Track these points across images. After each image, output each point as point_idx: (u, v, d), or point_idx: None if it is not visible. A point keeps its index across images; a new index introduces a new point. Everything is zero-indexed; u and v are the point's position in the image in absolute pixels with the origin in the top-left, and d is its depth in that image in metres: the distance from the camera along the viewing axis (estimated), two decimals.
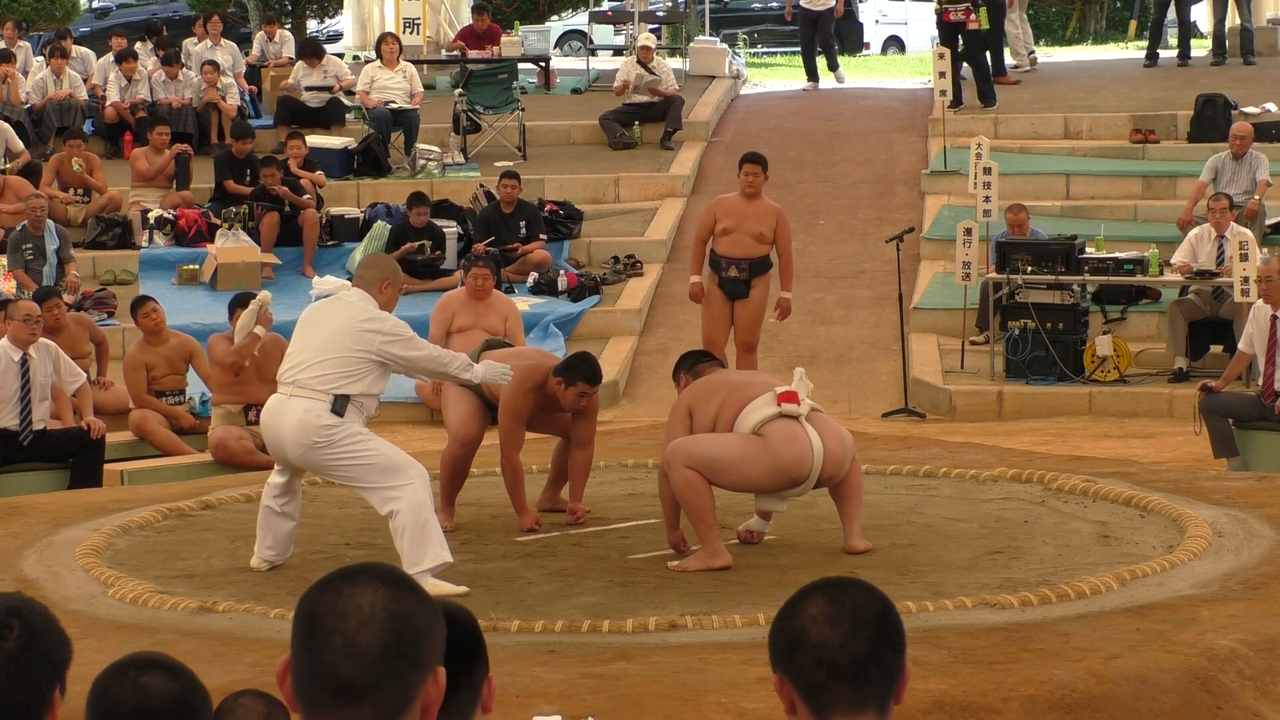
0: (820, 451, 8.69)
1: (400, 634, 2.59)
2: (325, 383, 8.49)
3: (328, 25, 32.76)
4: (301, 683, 2.60)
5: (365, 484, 8.49)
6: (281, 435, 8.55)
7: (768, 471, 8.67)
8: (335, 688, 2.57)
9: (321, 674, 2.57)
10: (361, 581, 2.61)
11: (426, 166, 20.39)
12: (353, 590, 2.60)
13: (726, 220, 13.90)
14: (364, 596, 2.59)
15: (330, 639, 2.57)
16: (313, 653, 2.58)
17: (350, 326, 8.54)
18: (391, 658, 2.57)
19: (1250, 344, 12.96)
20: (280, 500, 8.78)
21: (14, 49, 21.85)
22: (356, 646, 2.57)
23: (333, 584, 2.62)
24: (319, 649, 2.58)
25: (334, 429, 8.44)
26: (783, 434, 8.70)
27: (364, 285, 8.70)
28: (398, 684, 2.58)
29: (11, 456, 12.39)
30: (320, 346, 8.55)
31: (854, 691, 2.75)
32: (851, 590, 2.81)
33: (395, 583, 2.63)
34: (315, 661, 2.58)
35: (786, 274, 14.10)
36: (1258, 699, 6.95)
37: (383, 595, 2.60)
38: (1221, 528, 8.94)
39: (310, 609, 2.60)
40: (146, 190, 19.36)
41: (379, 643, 2.57)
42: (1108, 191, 19.43)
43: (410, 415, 15.55)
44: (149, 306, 13.67)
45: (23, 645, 2.80)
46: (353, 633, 2.57)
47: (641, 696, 6.62)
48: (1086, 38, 38.83)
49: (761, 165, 13.94)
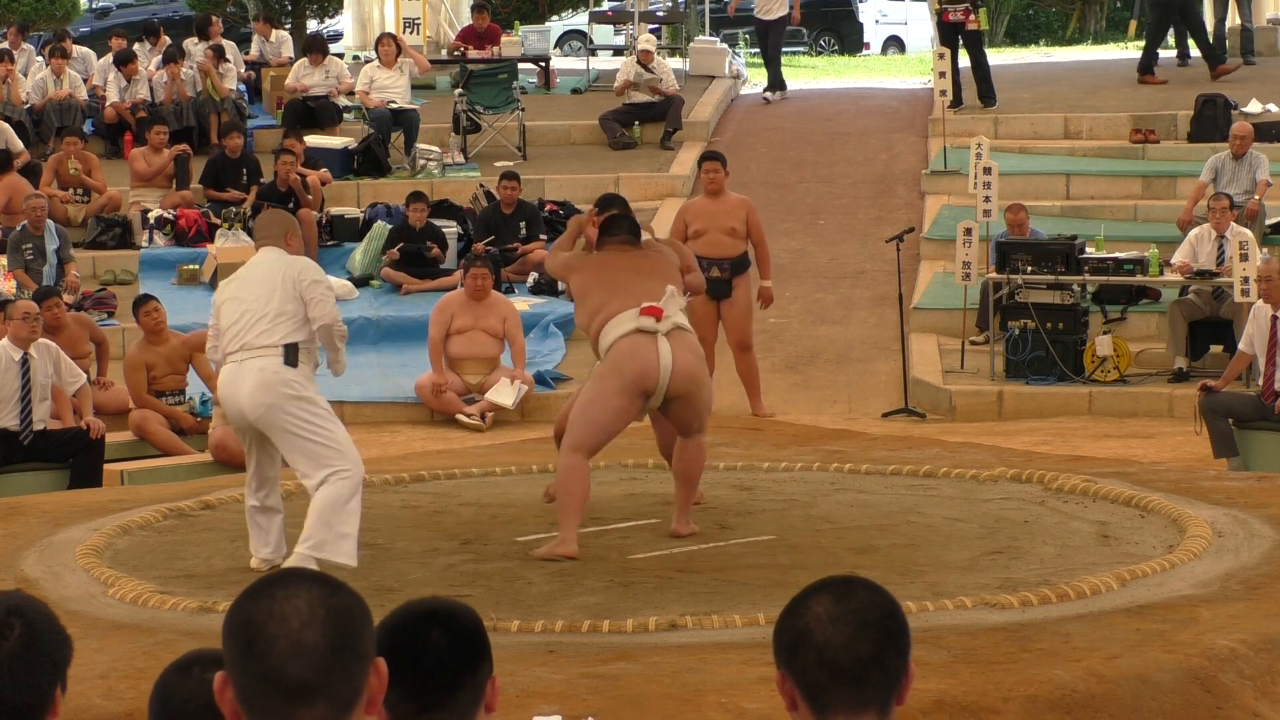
0: (669, 365, 8.83)
1: (343, 628, 2.58)
2: (271, 335, 8.63)
3: (328, 25, 32.76)
4: (248, 692, 2.58)
5: (311, 450, 8.50)
6: (240, 399, 8.61)
7: (620, 388, 8.82)
8: (287, 690, 2.56)
9: (271, 679, 2.56)
10: (291, 584, 2.61)
11: (426, 166, 20.39)
12: (286, 593, 2.59)
13: (697, 222, 14.04)
14: (300, 597, 2.59)
15: (275, 642, 2.56)
16: (258, 660, 2.57)
17: (280, 276, 8.72)
18: (339, 652, 2.57)
19: (1250, 344, 12.97)
20: (260, 494, 8.79)
21: (17, 51, 21.84)
22: (303, 646, 2.56)
23: (264, 590, 2.62)
24: (264, 655, 2.56)
25: (299, 384, 8.52)
26: (627, 350, 8.88)
27: (272, 241, 8.98)
28: (347, 678, 2.58)
29: (11, 456, 12.39)
30: (258, 306, 8.67)
31: (854, 693, 2.75)
32: (858, 591, 2.80)
33: (324, 581, 2.63)
34: (262, 668, 2.56)
35: (764, 263, 14.21)
36: (1258, 699, 6.95)
37: (317, 593, 2.60)
38: (1221, 528, 8.94)
39: (245, 619, 2.60)
40: (146, 190, 19.36)
41: (325, 640, 2.57)
42: (1108, 191, 19.43)
43: (410, 415, 15.53)
44: (150, 305, 13.67)
45: (24, 644, 2.81)
46: (297, 633, 2.56)
47: (641, 696, 6.62)
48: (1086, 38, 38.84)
49: (721, 162, 14.19)
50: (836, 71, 30.72)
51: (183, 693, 2.93)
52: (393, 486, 10.48)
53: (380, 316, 17.28)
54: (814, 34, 37.11)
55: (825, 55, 35.11)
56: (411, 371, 15.88)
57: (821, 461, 10.72)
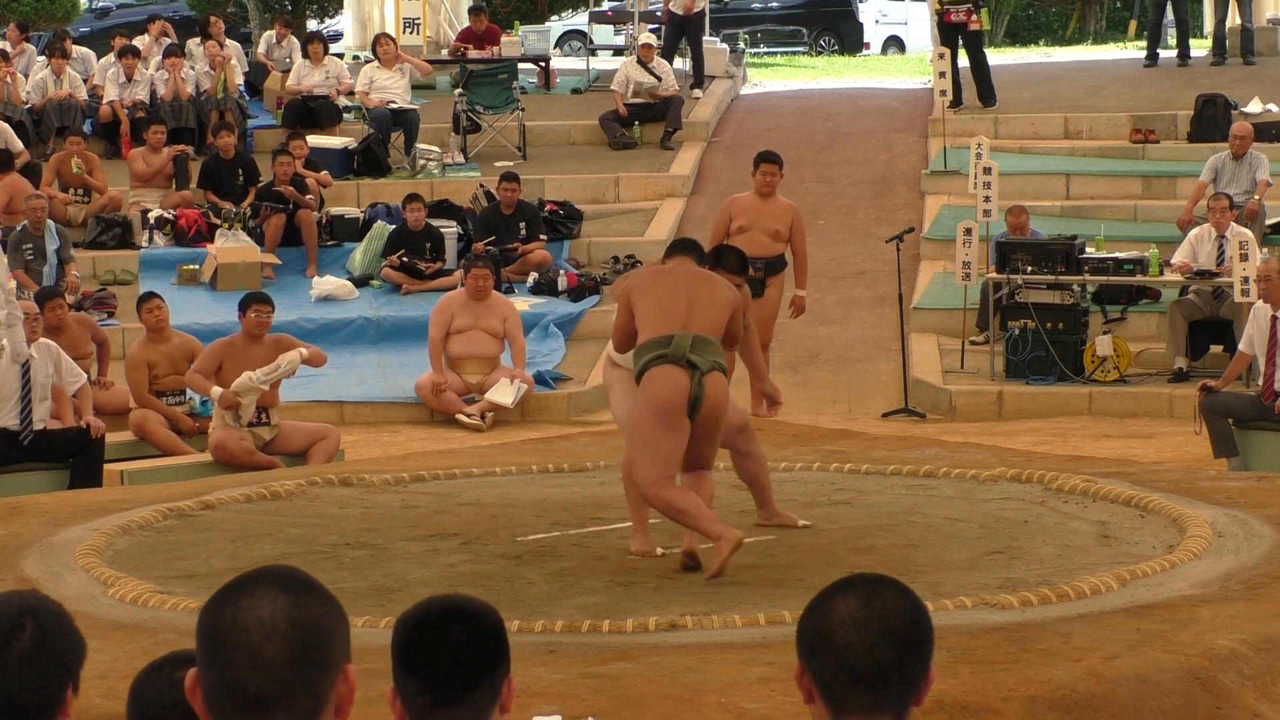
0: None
1: (305, 642, 2.58)
2: None
3: (328, 25, 32.76)
4: (210, 697, 2.59)
5: None
6: None
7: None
8: (245, 702, 2.56)
9: (230, 690, 2.57)
10: (259, 591, 2.60)
11: (426, 166, 20.39)
12: (251, 602, 2.59)
13: (742, 218, 13.95)
14: (263, 608, 2.58)
15: (235, 654, 2.56)
16: (218, 670, 2.57)
17: None
18: (299, 666, 2.57)
19: (1250, 344, 12.97)
20: None
21: (17, 51, 21.83)
22: (262, 660, 2.56)
23: (229, 597, 2.61)
24: (224, 666, 2.57)
25: None
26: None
27: None
28: (308, 691, 2.58)
29: (11, 456, 12.39)
30: None
31: (871, 698, 2.75)
32: (885, 594, 2.79)
33: (293, 587, 2.61)
34: (222, 678, 2.57)
35: (801, 272, 14.18)
36: (1258, 699, 6.94)
37: (281, 604, 2.58)
38: (1221, 528, 8.93)
39: (211, 625, 2.59)
40: (146, 190, 19.36)
41: (284, 655, 2.56)
42: (1108, 191, 19.43)
43: (410, 415, 15.54)
44: (153, 303, 13.67)
45: (35, 645, 2.81)
46: (256, 646, 2.56)
47: (641, 696, 6.62)
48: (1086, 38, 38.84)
49: (778, 165, 14.03)
50: (836, 71, 30.72)
51: (152, 693, 2.93)
52: (393, 486, 10.48)
53: (380, 316, 17.29)
54: (814, 34, 37.11)
55: (825, 55, 35.10)
56: (411, 371, 15.89)
57: (821, 461, 10.71)
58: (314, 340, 15.97)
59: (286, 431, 13.01)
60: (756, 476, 9.27)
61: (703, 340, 8.60)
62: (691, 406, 8.54)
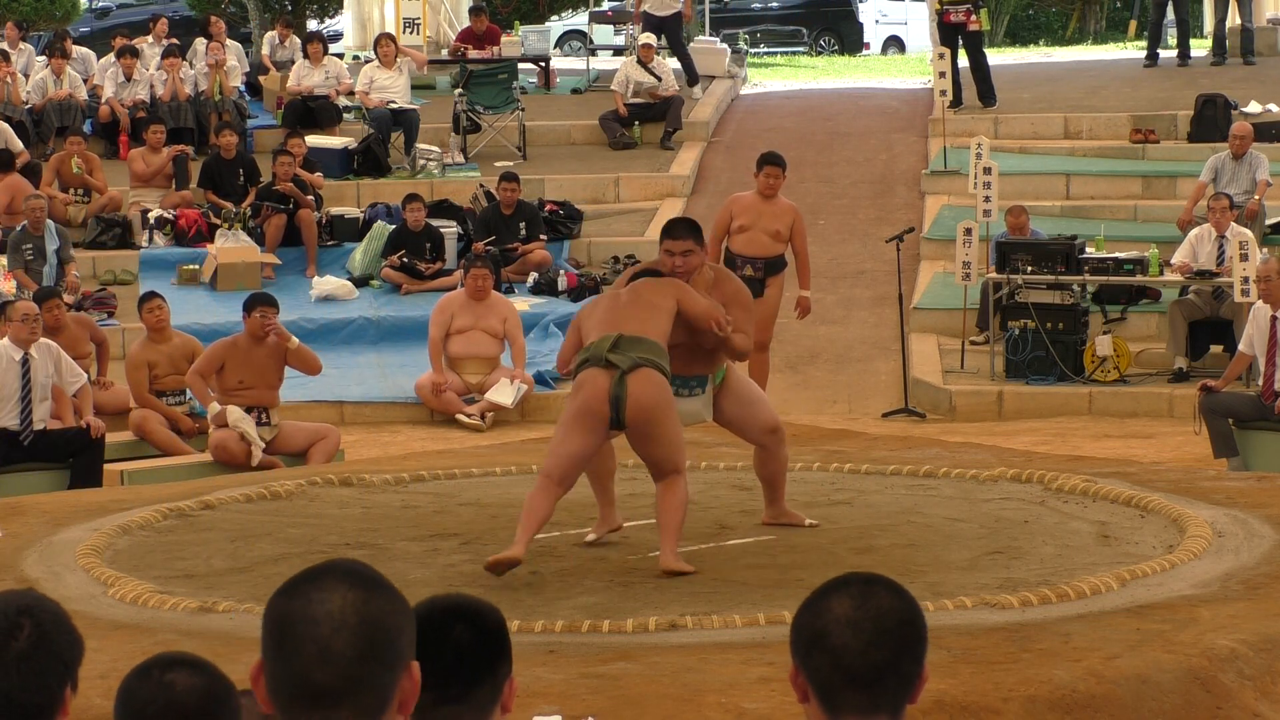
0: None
1: (372, 637, 2.57)
2: None
3: (328, 25, 32.76)
4: (275, 686, 2.59)
5: None
6: None
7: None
8: (311, 694, 2.56)
9: (296, 680, 2.56)
10: (329, 584, 2.59)
11: (426, 166, 20.39)
12: (321, 595, 2.58)
13: (743, 218, 13.95)
14: (333, 601, 2.58)
15: (303, 645, 2.56)
16: (285, 660, 2.57)
17: None
18: (366, 661, 2.56)
19: (1250, 345, 12.97)
20: None
21: (15, 50, 21.83)
22: (330, 653, 2.56)
23: (300, 588, 2.60)
24: (291, 656, 2.57)
25: None
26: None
27: None
28: (373, 687, 2.58)
29: (11, 456, 12.39)
30: None
31: (867, 698, 2.75)
32: (880, 594, 2.79)
33: (363, 582, 2.61)
34: (288, 669, 2.57)
35: (804, 273, 14.18)
36: (1258, 699, 6.95)
37: (352, 599, 2.58)
38: (1221, 528, 8.93)
39: (280, 615, 2.59)
40: (146, 190, 19.36)
41: (352, 649, 2.56)
42: (1108, 191, 19.43)
43: (410, 415, 15.54)
44: (155, 302, 13.67)
45: (34, 644, 2.81)
46: (325, 639, 2.56)
47: (641, 696, 6.62)
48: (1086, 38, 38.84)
49: (782, 167, 14.02)
50: (836, 71, 30.72)
51: (143, 695, 2.93)
52: (393, 486, 10.47)
53: (380, 316, 17.29)
54: (814, 34, 37.11)
55: (825, 55, 35.10)
56: (411, 371, 15.89)
57: (821, 461, 10.71)
58: (314, 340, 15.98)
59: (286, 431, 13.01)
60: (774, 477, 9.24)
61: (631, 339, 8.46)
62: (616, 407, 8.42)
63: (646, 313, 8.60)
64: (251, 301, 13.14)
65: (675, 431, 8.56)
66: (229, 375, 12.87)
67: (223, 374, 12.89)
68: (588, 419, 8.44)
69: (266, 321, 12.87)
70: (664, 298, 8.66)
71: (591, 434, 8.47)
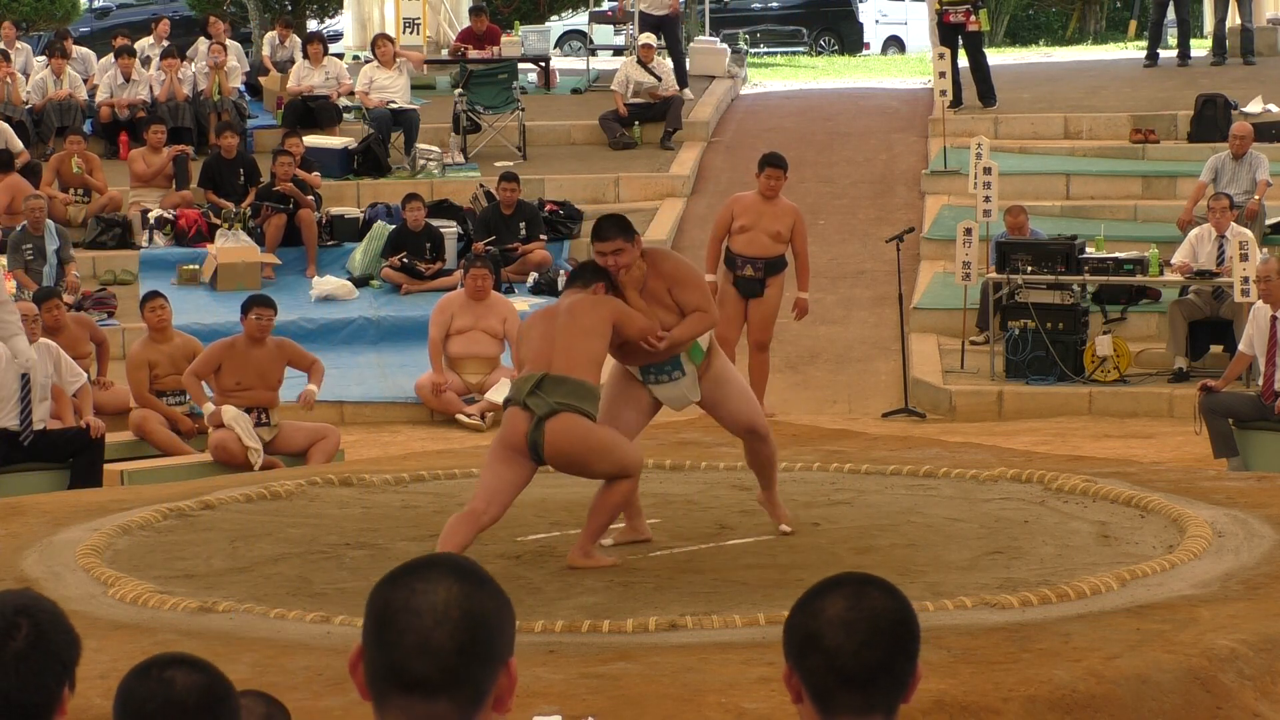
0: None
1: (474, 632, 2.59)
2: None
3: (328, 25, 32.76)
4: (374, 677, 2.60)
5: None
6: None
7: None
8: (409, 684, 2.57)
9: (395, 670, 2.57)
10: (433, 577, 2.60)
11: (426, 166, 20.39)
12: (425, 586, 2.59)
13: (744, 218, 13.97)
14: (437, 593, 2.59)
15: (404, 636, 2.57)
16: (385, 649, 2.58)
17: None
18: (466, 656, 2.58)
19: (1250, 345, 12.97)
20: None
21: (12, 50, 21.83)
22: (431, 645, 2.56)
23: (404, 579, 2.61)
24: (392, 646, 2.57)
25: None
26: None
27: None
28: (472, 681, 2.59)
29: (11, 456, 12.39)
30: None
31: (862, 699, 2.75)
32: (873, 594, 2.79)
33: (467, 577, 2.62)
34: (388, 658, 2.57)
35: (803, 274, 14.19)
36: (1258, 699, 6.95)
37: (456, 592, 2.59)
38: (1221, 528, 8.93)
39: (383, 605, 2.60)
40: (146, 190, 19.37)
41: (453, 642, 2.57)
42: (1108, 191, 19.43)
43: (410, 415, 15.54)
44: (157, 302, 13.67)
45: (31, 644, 2.81)
46: (427, 630, 2.57)
47: (641, 696, 6.62)
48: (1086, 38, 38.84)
49: (783, 168, 14.02)
50: (836, 71, 30.72)
51: (143, 693, 2.93)
52: (393, 486, 10.47)
53: (380, 316, 17.29)
54: (814, 34, 37.11)
55: (825, 55, 35.10)
56: (411, 371, 15.89)
57: (821, 461, 10.71)
58: (314, 340, 16.00)
59: (286, 431, 13.01)
60: (762, 467, 9.18)
61: (554, 380, 8.49)
62: (535, 450, 8.49)
63: (580, 340, 8.59)
64: (248, 303, 13.15)
65: (604, 461, 8.60)
66: (226, 376, 12.87)
67: (220, 375, 12.89)
68: (509, 454, 8.55)
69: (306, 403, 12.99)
70: (599, 321, 8.66)
71: (515, 467, 8.56)
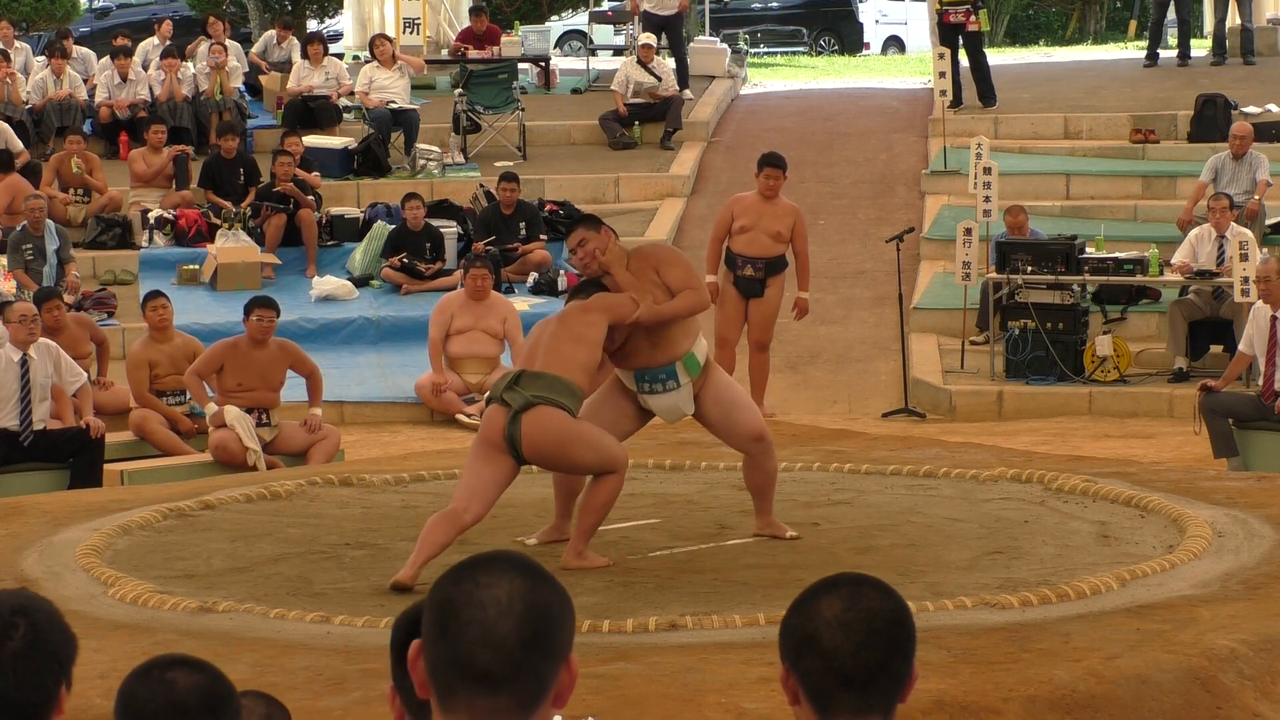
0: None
1: (537, 625, 2.60)
2: None
3: (328, 25, 32.77)
4: (437, 671, 2.60)
5: None
6: None
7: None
8: (472, 677, 2.58)
9: (459, 663, 2.58)
10: (496, 571, 2.61)
11: (426, 166, 20.39)
12: (489, 580, 2.60)
13: (744, 219, 13.97)
14: (501, 586, 2.59)
15: (468, 629, 2.58)
16: (449, 642, 2.58)
17: None
18: (529, 649, 2.59)
19: (1250, 345, 12.97)
20: None
21: (11, 49, 21.82)
22: (495, 637, 2.57)
23: (468, 573, 2.62)
24: (456, 639, 2.58)
25: None
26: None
27: None
28: (534, 675, 2.60)
29: (11, 456, 12.39)
30: None
31: (860, 699, 2.75)
32: (868, 595, 2.79)
33: (530, 572, 2.63)
34: (452, 651, 2.58)
35: (804, 274, 14.20)
36: (1258, 699, 6.95)
37: (519, 585, 2.60)
38: (1221, 528, 8.93)
39: (446, 598, 2.61)
40: (146, 190, 19.36)
41: (517, 634, 2.58)
42: (1108, 191, 19.43)
43: (410, 415, 15.54)
44: (159, 301, 13.67)
45: (28, 643, 2.82)
46: (491, 623, 2.57)
47: (641, 696, 6.62)
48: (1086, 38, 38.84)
49: (782, 169, 14.02)
50: (836, 71, 30.72)
51: (145, 694, 2.93)
52: (393, 486, 10.47)
53: (380, 316, 17.29)
54: (814, 34, 37.11)
55: (825, 55, 35.10)
56: (411, 371, 15.89)
57: (821, 461, 10.70)
58: (314, 340, 16.01)
59: (286, 431, 13.01)
60: (760, 487, 9.13)
61: (532, 375, 8.56)
62: (512, 445, 8.51)
63: (568, 346, 8.65)
64: (250, 305, 13.15)
65: (584, 454, 8.60)
66: (228, 377, 12.87)
67: (222, 375, 12.89)
68: (489, 451, 8.57)
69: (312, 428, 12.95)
70: (589, 327, 8.71)
71: (495, 465, 8.56)
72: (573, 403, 8.57)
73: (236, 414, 12.74)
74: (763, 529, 9.19)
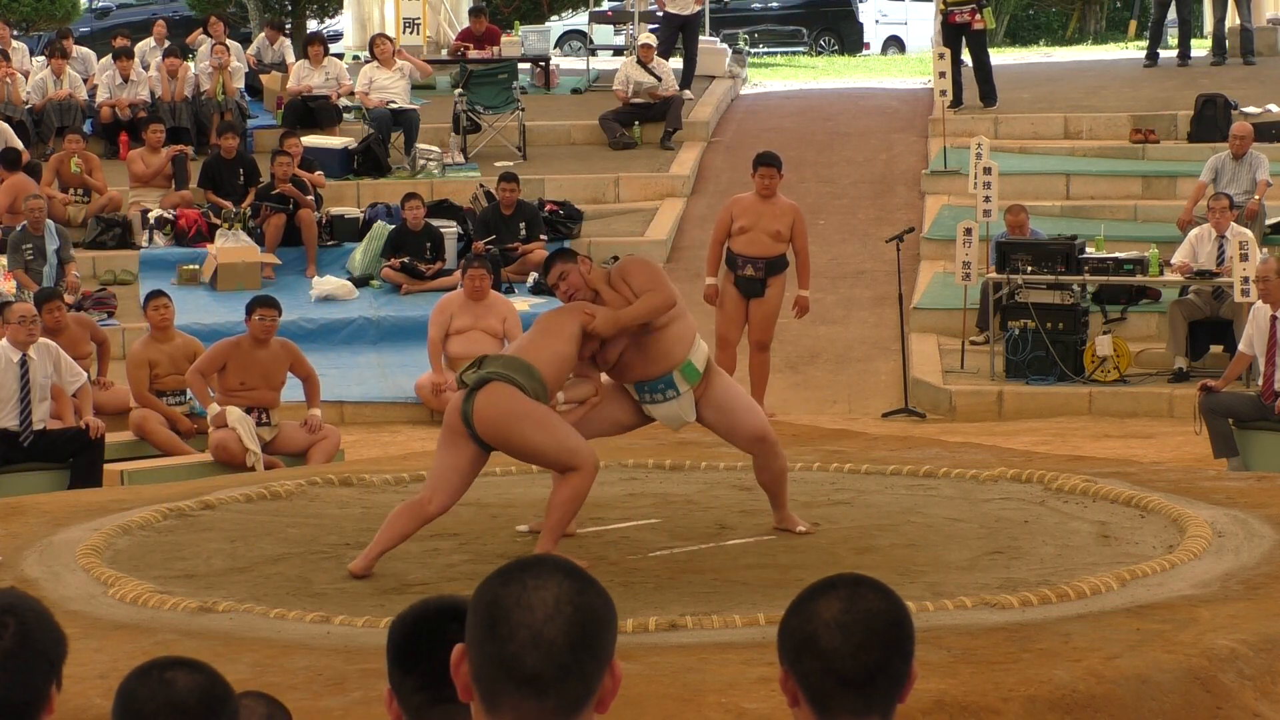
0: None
1: (585, 628, 2.59)
2: None
3: (328, 25, 32.77)
4: (483, 673, 2.60)
5: None
6: None
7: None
8: (520, 679, 2.57)
9: (506, 665, 2.57)
10: (544, 574, 2.61)
11: (426, 166, 20.39)
12: (537, 582, 2.60)
13: (743, 219, 13.98)
14: (548, 589, 2.59)
15: (517, 631, 2.57)
16: (498, 644, 2.57)
17: None
18: (577, 651, 2.58)
19: (1250, 345, 12.97)
20: None
21: (9, 49, 21.82)
22: (543, 639, 2.57)
23: (514, 575, 2.61)
24: (504, 641, 2.57)
25: None
26: None
27: None
28: (581, 677, 2.58)
29: (11, 456, 12.39)
30: None
31: (860, 700, 2.75)
32: (867, 595, 2.79)
33: (576, 576, 2.63)
34: (500, 653, 2.57)
35: (804, 272, 14.20)
36: (1258, 699, 6.95)
37: (567, 588, 2.60)
38: (1221, 528, 8.93)
39: (493, 600, 2.60)
40: (146, 190, 19.36)
41: (566, 636, 2.57)
42: (1108, 191, 19.43)
43: (410, 415, 15.54)
44: (160, 301, 13.67)
45: (18, 642, 2.82)
46: (540, 625, 2.57)
47: (641, 696, 6.62)
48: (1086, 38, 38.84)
49: (776, 167, 14.02)
50: (836, 71, 30.72)
51: (144, 694, 2.93)
52: (393, 486, 10.47)
53: (380, 316, 17.29)
54: (814, 34, 37.11)
55: (825, 55, 35.10)
56: (411, 371, 15.89)
57: (821, 461, 10.71)
58: (314, 340, 16.00)
59: (286, 432, 13.01)
60: (771, 484, 9.20)
61: (492, 358, 8.66)
62: (469, 424, 8.54)
63: (539, 337, 8.78)
64: (252, 304, 13.14)
65: (536, 434, 8.56)
66: (230, 376, 12.87)
67: (224, 374, 12.89)
68: (451, 436, 8.61)
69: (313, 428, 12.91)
70: (565, 322, 8.80)
71: (458, 452, 8.59)
72: (528, 382, 8.57)
73: (239, 416, 12.74)
74: (779, 524, 9.24)
